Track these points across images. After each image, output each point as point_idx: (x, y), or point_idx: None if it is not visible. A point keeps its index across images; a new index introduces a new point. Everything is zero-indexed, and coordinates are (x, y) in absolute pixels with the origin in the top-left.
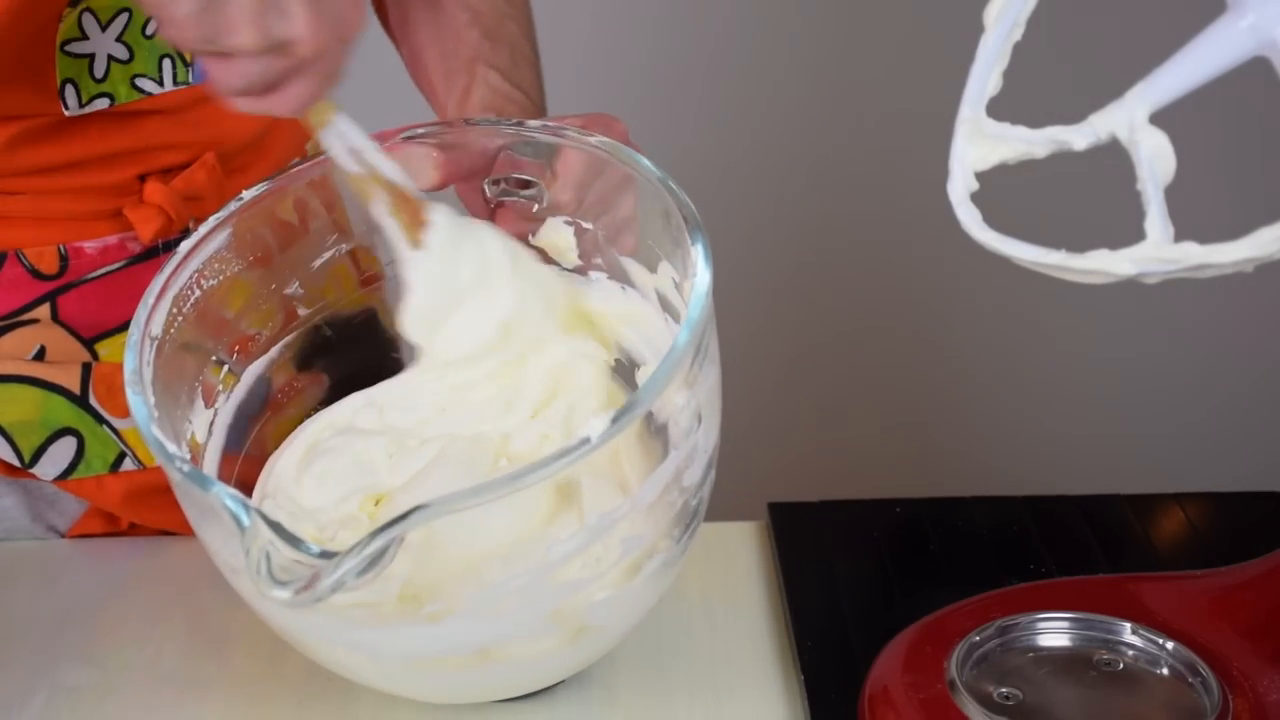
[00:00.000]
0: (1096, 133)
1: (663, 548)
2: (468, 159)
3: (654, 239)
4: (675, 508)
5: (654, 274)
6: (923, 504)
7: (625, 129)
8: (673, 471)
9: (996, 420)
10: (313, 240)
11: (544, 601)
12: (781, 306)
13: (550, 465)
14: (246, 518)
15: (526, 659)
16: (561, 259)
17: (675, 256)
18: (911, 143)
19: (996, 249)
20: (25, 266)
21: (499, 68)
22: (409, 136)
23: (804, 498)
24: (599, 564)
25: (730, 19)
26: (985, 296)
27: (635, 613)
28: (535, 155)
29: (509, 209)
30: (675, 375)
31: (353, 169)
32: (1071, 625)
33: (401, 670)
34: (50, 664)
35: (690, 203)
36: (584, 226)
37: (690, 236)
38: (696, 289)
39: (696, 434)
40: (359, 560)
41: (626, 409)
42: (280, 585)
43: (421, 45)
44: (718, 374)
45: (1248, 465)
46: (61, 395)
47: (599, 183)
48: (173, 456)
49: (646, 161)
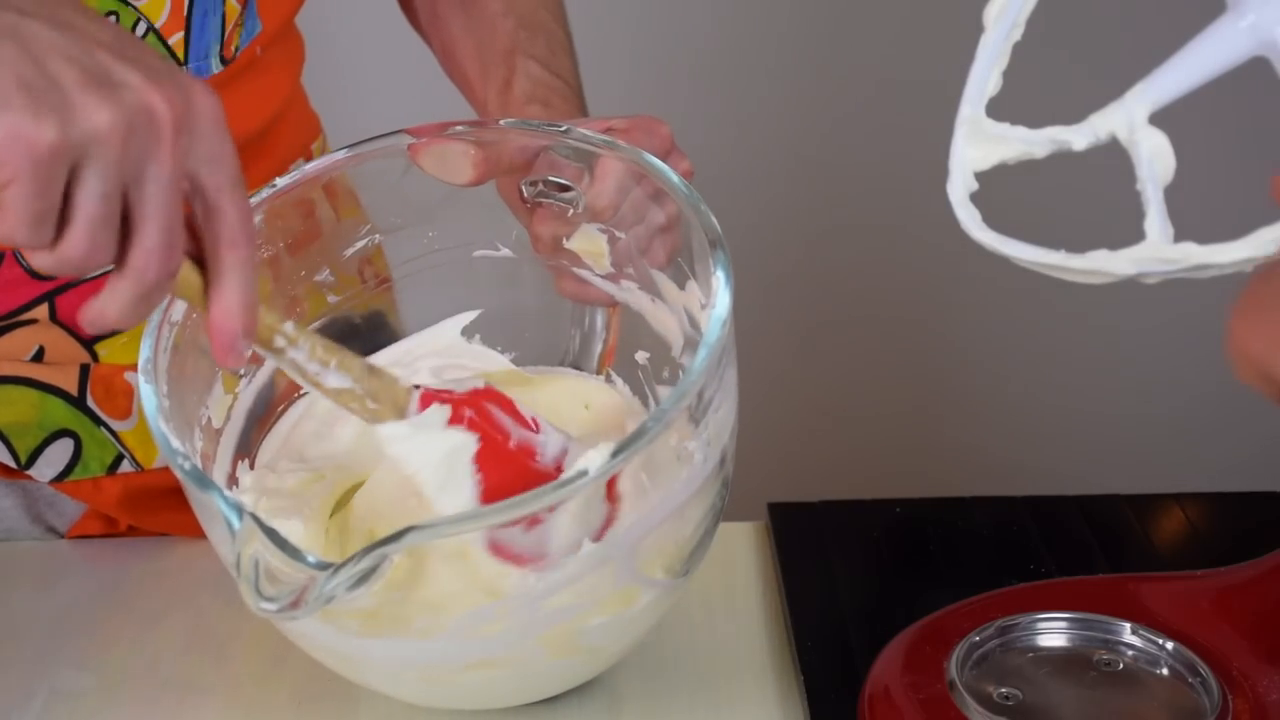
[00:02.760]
0: (1096, 133)
1: (665, 578)
2: (506, 156)
3: (683, 257)
4: (680, 538)
5: (683, 291)
6: (923, 504)
7: (669, 132)
8: (675, 505)
9: (997, 420)
10: (345, 229)
11: (532, 628)
12: (781, 306)
13: (546, 496)
14: (238, 521)
15: (523, 673)
16: (594, 265)
17: (701, 278)
18: (912, 142)
19: (996, 249)
20: (23, 266)
21: (538, 57)
22: (451, 132)
23: (804, 498)
24: (593, 592)
25: (736, 16)
26: (985, 297)
27: (634, 636)
28: (575, 158)
29: (545, 210)
30: (684, 405)
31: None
32: (1071, 625)
33: (397, 676)
34: (48, 666)
35: (716, 224)
36: (617, 235)
37: (713, 261)
38: (714, 316)
39: (708, 465)
40: (350, 576)
41: (627, 443)
42: (267, 599)
43: (454, 38)
44: (733, 404)
45: (1248, 465)
46: (59, 397)
47: (636, 191)
48: (176, 452)
49: (677, 180)
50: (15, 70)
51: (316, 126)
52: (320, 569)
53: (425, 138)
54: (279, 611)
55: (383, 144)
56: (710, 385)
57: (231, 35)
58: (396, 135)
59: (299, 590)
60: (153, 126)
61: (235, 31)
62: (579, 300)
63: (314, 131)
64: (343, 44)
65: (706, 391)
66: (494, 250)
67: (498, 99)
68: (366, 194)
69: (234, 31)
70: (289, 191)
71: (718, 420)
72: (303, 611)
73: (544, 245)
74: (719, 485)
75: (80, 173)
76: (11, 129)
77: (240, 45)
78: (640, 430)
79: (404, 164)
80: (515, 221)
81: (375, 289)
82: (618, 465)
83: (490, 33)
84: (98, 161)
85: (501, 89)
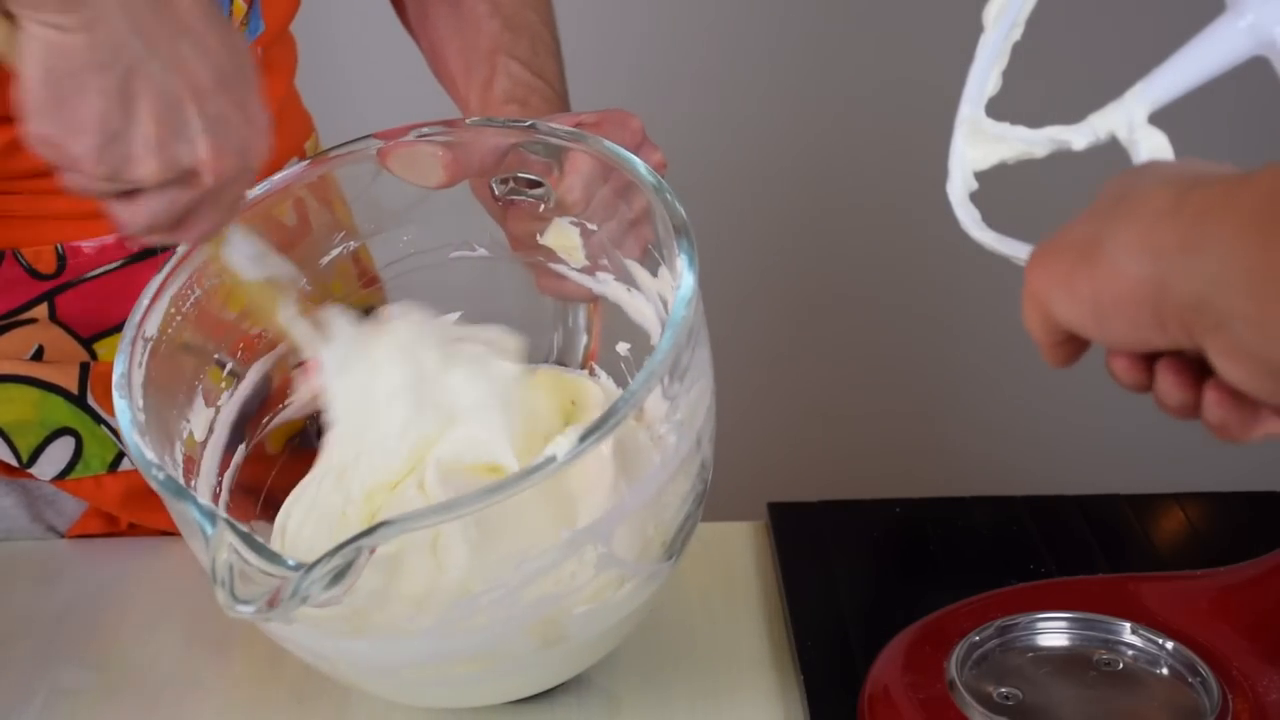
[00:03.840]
0: (1096, 133)
1: (645, 563)
2: (476, 157)
3: (654, 244)
4: (659, 522)
5: (656, 278)
6: (923, 504)
7: (641, 125)
8: (652, 489)
9: (996, 420)
10: (319, 237)
11: (519, 617)
12: (780, 306)
13: (515, 484)
14: (211, 526)
15: (514, 667)
16: (569, 259)
17: (671, 264)
18: (911, 141)
19: (995, 249)
20: (23, 266)
21: (520, 57)
22: (418, 135)
23: (804, 498)
24: (574, 579)
25: (725, 14)
26: (985, 297)
27: (623, 624)
28: (545, 154)
29: (517, 207)
30: (651, 388)
31: (253, 276)
32: (1071, 625)
33: (388, 676)
34: (49, 665)
35: (681, 210)
36: (590, 228)
37: (677, 245)
38: (678, 298)
39: (682, 447)
40: (324, 574)
41: (595, 426)
42: (243, 602)
43: (441, 38)
44: (706, 384)
45: (1248, 465)
46: (59, 395)
47: (608, 184)
48: (150, 464)
49: (643, 168)
50: (102, 105)
51: (309, 126)
52: (296, 570)
53: (393, 141)
54: (255, 614)
55: (352, 149)
56: (680, 364)
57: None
58: (366, 140)
59: (273, 591)
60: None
61: (240, 30)
62: (559, 297)
63: (307, 131)
64: (335, 44)
65: (676, 370)
66: (470, 251)
67: (478, 98)
68: (349, 198)
69: (239, 30)
70: (257, 204)
71: (690, 400)
72: (279, 612)
73: (519, 243)
74: (697, 467)
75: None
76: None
77: None
78: (609, 412)
79: (374, 168)
80: (490, 221)
81: (365, 289)
82: (586, 448)
83: (475, 33)
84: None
85: (482, 88)
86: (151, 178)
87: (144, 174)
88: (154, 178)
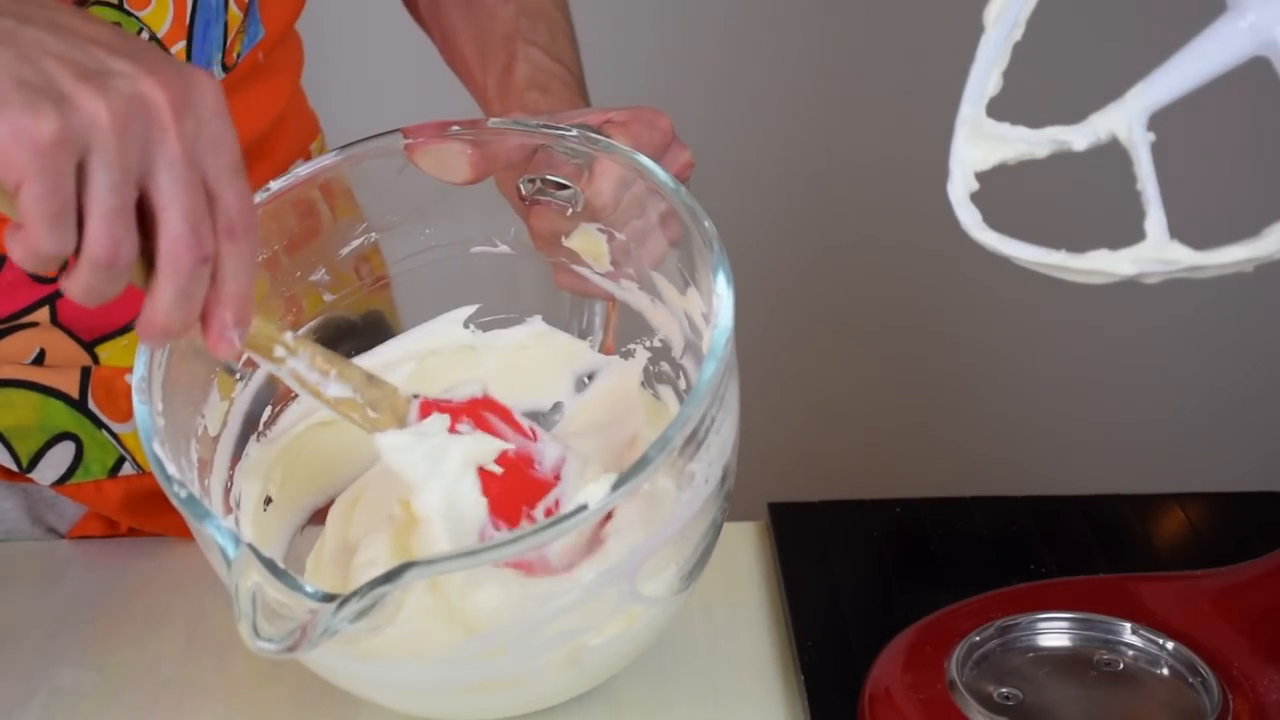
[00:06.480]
0: (1096, 133)
1: (666, 597)
2: (503, 154)
3: (683, 264)
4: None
5: (683, 296)
6: (923, 504)
7: (670, 124)
8: (677, 528)
9: (996, 420)
10: (341, 228)
11: (538, 649)
12: (781, 307)
13: (545, 531)
14: (234, 550)
15: (526, 692)
16: (594, 264)
17: (702, 285)
18: (911, 142)
19: (996, 249)
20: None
21: (539, 43)
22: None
23: (804, 498)
24: (594, 615)
25: (736, 15)
26: (985, 297)
27: (638, 649)
28: (574, 156)
29: (544, 207)
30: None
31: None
32: (1071, 625)
33: (397, 696)
34: (49, 666)
35: (715, 231)
36: (616, 235)
37: (712, 276)
38: (718, 330)
39: (709, 484)
40: (352, 611)
41: (627, 475)
42: (265, 639)
43: (454, 26)
44: (735, 420)
45: (1248, 465)
46: (60, 400)
47: (634, 191)
48: (171, 479)
49: (672, 182)
50: (11, 71)
51: (315, 126)
52: (320, 600)
53: (422, 138)
54: (278, 653)
55: (378, 144)
56: (713, 407)
57: (234, 42)
58: (392, 135)
59: (300, 629)
60: (151, 112)
61: (238, 38)
62: (578, 293)
63: (313, 132)
64: (340, 42)
65: (709, 414)
66: (492, 247)
67: (497, 85)
68: (362, 193)
69: (236, 38)
70: (284, 194)
71: (719, 440)
72: (302, 651)
73: (542, 241)
74: (720, 501)
75: (88, 169)
76: (12, 126)
77: (242, 52)
78: (642, 461)
79: (400, 163)
80: (513, 218)
81: (372, 288)
82: (619, 499)
83: (490, 19)
84: (101, 152)
85: (501, 75)
86: (102, 108)
87: (95, 108)
88: (104, 107)
